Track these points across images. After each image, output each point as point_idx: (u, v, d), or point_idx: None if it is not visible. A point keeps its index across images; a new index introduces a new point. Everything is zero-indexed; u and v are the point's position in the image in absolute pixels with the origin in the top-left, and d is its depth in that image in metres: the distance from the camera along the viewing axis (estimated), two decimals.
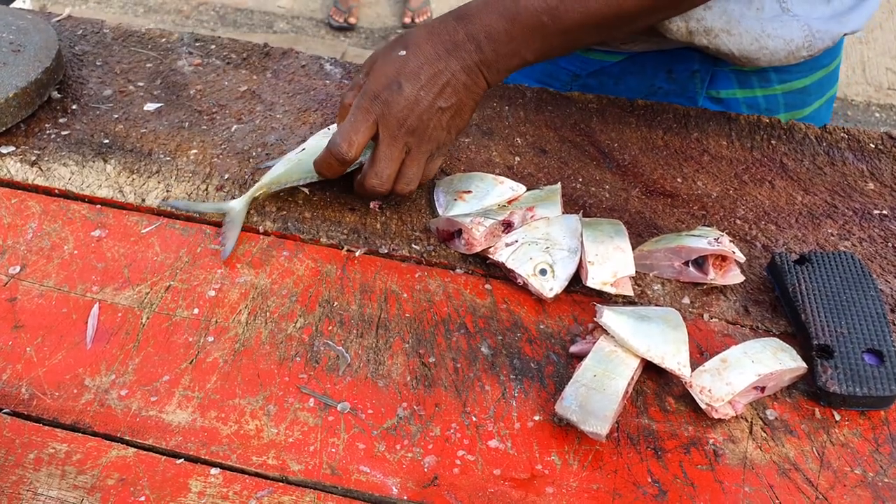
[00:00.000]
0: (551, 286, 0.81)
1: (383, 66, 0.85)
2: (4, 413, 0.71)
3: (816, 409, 0.74)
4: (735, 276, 0.83)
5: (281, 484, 0.67)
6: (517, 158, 1.00)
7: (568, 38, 0.86)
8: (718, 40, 0.97)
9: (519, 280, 0.83)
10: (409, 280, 0.84)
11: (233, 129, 1.03)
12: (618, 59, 1.12)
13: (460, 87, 0.85)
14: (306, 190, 0.94)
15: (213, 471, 0.67)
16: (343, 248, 0.87)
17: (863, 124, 3.09)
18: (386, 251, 0.87)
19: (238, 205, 0.89)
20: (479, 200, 0.90)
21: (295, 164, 0.91)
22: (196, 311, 0.80)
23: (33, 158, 0.97)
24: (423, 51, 0.84)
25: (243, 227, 0.89)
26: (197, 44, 1.18)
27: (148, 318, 0.79)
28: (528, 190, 0.92)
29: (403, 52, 0.85)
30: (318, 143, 0.93)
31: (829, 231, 0.92)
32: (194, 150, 0.99)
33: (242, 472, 0.68)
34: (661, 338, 0.74)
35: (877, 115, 3.15)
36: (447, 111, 0.86)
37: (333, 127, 0.96)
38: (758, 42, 0.98)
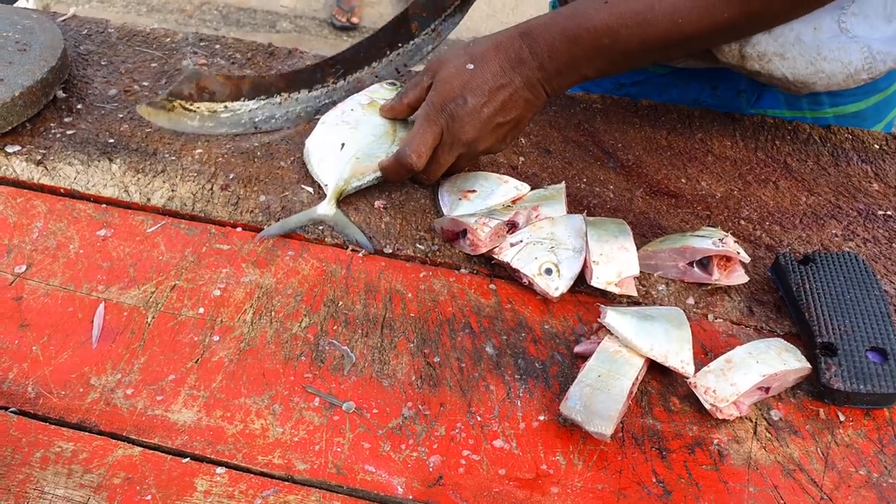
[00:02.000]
0: (557, 286, 0.81)
1: (451, 79, 0.88)
2: (11, 412, 0.71)
3: (821, 410, 0.74)
4: (739, 277, 0.83)
5: (286, 483, 0.67)
6: (521, 158, 1.00)
7: (627, 59, 0.88)
8: (771, 65, 0.93)
9: (524, 280, 0.83)
10: (414, 280, 0.84)
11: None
12: (664, 72, 1.11)
13: (521, 102, 0.88)
14: (310, 190, 0.94)
15: (219, 470, 0.67)
16: (348, 247, 0.88)
17: None
18: (391, 251, 0.87)
19: (330, 209, 0.90)
20: (483, 200, 0.90)
21: (362, 161, 0.93)
22: (201, 310, 0.80)
23: (39, 158, 0.97)
24: (489, 66, 0.87)
25: (247, 226, 0.89)
26: (202, 43, 1.18)
27: (153, 318, 0.79)
28: (532, 189, 0.92)
29: (471, 66, 0.87)
30: (373, 126, 0.96)
31: (834, 232, 0.92)
32: (199, 150, 0.99)
33: (248, 471, 0.68)
34: (664, 336, 0.74)
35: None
36: (506, 125, 0.89)
37: (376, 93, 1.00)
38: (813, 66, 0.93)
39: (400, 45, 1.05)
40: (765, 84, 0.99)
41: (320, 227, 0.90)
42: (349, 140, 0.94)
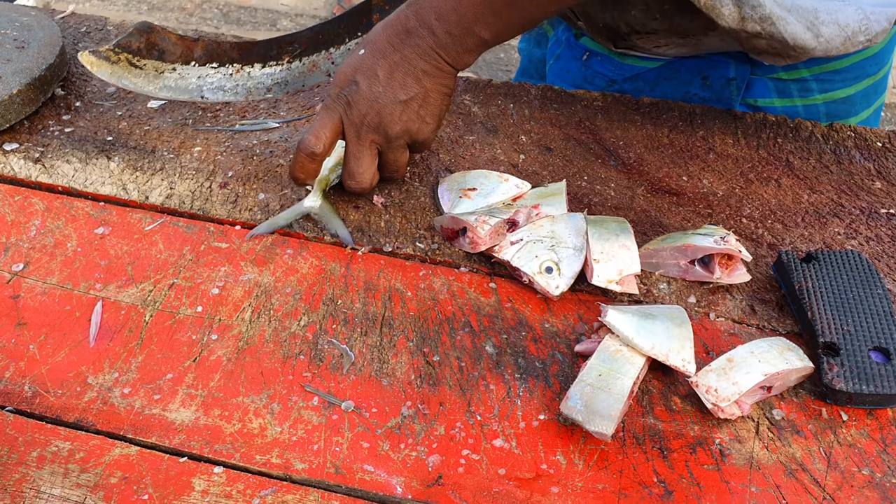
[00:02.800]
0: (557, 284, 0.81)
1: (344, 67, 0.86)
2: (7, 411, 0.71)
3: (823, 409, 0.73)
4: (741, 275, 0.83)
5: (285, 483, 0.66)
6: (522, 156, 1.00)
7: (518, 10, 0.83)
8: (773, 28, 0.92)
9: (524, 278, 0.82)
10: (414, 278, 0.84)
11: (236, 127, 1.02)
12: (654, 66, 1.11)
13: (420, 74, 0.84)
14: (309, 187, 0.93)
15: (217, 469, 0.67)
16: (347, 246, 0.87)
17: None
18: (390, 249, 0.87)
19: (316, 201, 0.88)
20: (483, 198, 0.90)
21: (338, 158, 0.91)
22: (199, 308, 0.80)
23: (37, 155, 0.96)
24: (378, 45, 0.85)
25: (246, 224, 0.88)
26: None
27: (151, 316, 0.79)
28: (532, 188, 0.92)
29: (362, 52, 0.85)
30: None
31: (836, 230, 0.91)
32: (198, 148, 0.99)
33: (246, 470, 0.67)
34: (665, 335, 0.73)
35: (883, 113, 3.14)
36: (411, 102, 0.85)
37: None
38: (811, 30, 0.93)
39: (359, 33, 1.02)
40: (763, 53, 0.99)
41: (319, 226, 0.89)
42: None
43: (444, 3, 0.83)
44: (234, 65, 0.97)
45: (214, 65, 0.95)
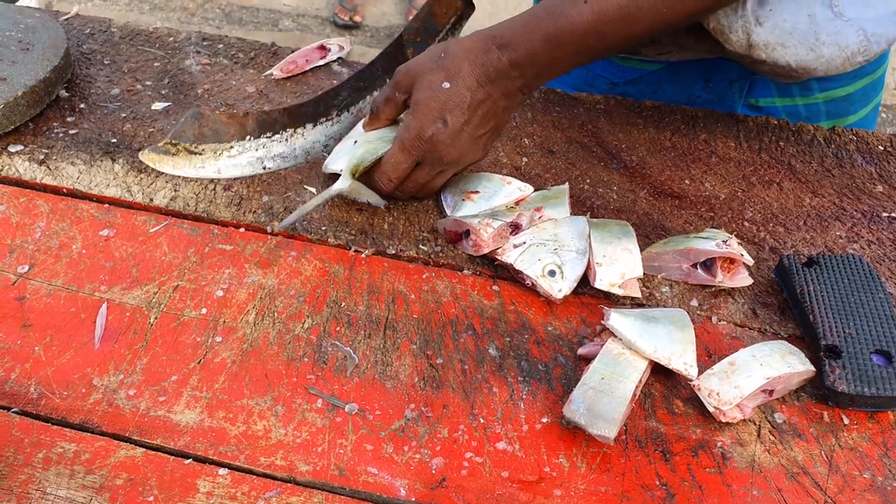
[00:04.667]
0: (560, 287, 0.81)
1: (428, 101, 0.85)
2: (13, 412, 0.71)
3: (825, 413, 0.73)
4: (743, 279, 0.83)
5: (289, 485, 0.67)
6: (525, 159, 1.00)
7: (609, 52, 0.87)
8: (776, 53, 0.94)
9: (527, 281, 0.83)
10: (417, 281, 0.84)
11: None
12: (656, 68, 1.11)
13: (500, 111, 0.87)
14: (313, 190, 0.94)
15: (222, 471, 0.67)
16: (351, 248, 0.87)
17: None
18: (394, 252, 0.87)
19: (346, 182, 0.89)
20: (486, 201, 0.90)
21: (373, 143, 0.91)
22: (204, 310, 0.80)
23: (41, 157, 0.97)
24: (465, 82, 0.84)
25: (250, 227, 0.89)
26: (204, 43, 1.18)
27: (156, 318, 0.79)
28: (535, 190, 0.92)
29: (447, 85, 0.84)
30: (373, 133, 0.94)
31: (838, 233, 0.91)
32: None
33: (250, 472, 0.68)
34: (667, 339, 0.74)
35: (883, 115, 3.14)
36: (485, 135, 0.88)
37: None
38: (813, 52, 0.94)
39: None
40: (766, 74, 1.00)
41: (323, 228, 0.89)
42: (360, 138, 0.93)
43: (540, 47, 0.84)
44: (287, 129, 0.99)
45: (269, 134, 0.98)
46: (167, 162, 0.95)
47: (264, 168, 0.97)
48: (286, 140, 0.98)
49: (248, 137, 0.97)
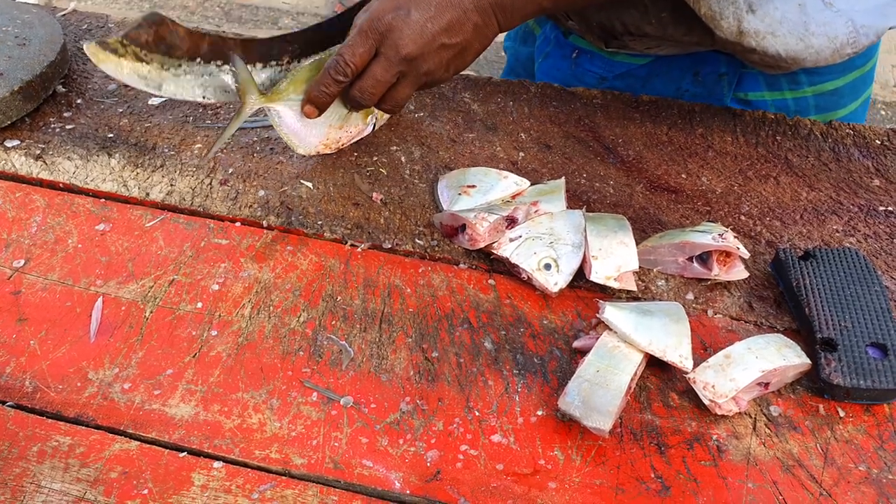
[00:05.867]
0: (556, 281, 0.81)
1: None
2: (8, 406, 0.71)
3: (821, 406, 0.73)
4: (739, 272, 0.83)
5: (284, 478, 0.67)
6: (521, 154, 1.00)
7: None
8: (766, 42, 0.94)
9: (523, 275, 0.83)
10: (413, 275, 0.84)
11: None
12: (644, 62, 1.11)
13: (470, 26, 0.84)
14: (310, 185, 0.94)
15: (216, 464, 0.67)
16: (347, 242, 0.87)
17: (868, 121, 3.07)
18: (389, 246, 0.87)
19: (254, 98, 0.88)
20: (483, 195, 0.90)
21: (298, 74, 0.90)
22: (199, 305, 0.80)
23: (38, 152, 0.97)
24: None
25: (246, 221, 0.89)
26: None
27: (151, 312, 0.79)
28: (532, 185, 0.92)
29: None
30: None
31: (834, 227, 0.91)
32: (198, 145, 0.99)
33: (245, 465, 0.68)
34: (662, 331, 0.74)
35: (882, 112, 3.14)
36: (451, 48, 0.85)
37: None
38: (803, 41, 0.95)
39: None
40: (756, 64, 1.00)
41: (319, 223, 0.89)
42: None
43: None
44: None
45: (219, 62, 0.95)
46: (110, 61, 0.89)
47: (203, 97, 0.94)
48: (233, 73, 0.96)
49: (198, 60, 0.94)
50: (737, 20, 0.92)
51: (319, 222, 0.89)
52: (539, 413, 0.72)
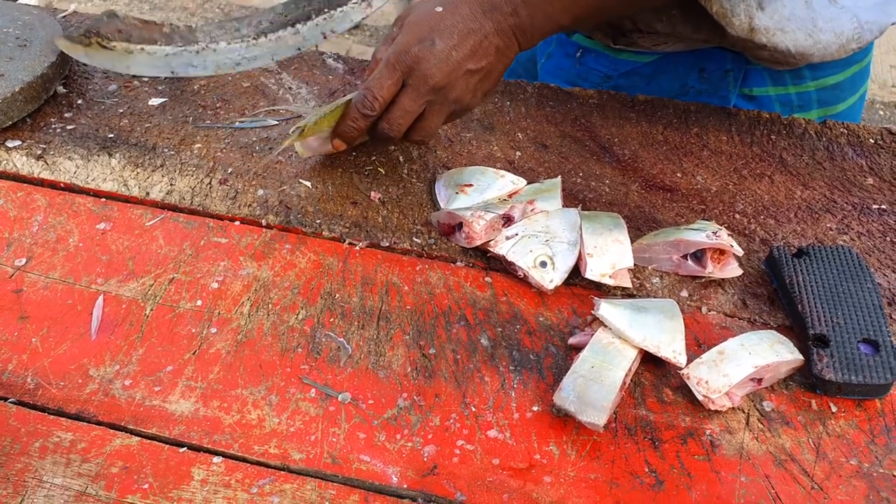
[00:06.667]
0: (551, 278, 0.82)
1: (417, 21, 0.85)
2: (10, 402, 0.72)
3: (813, 401, 0.74)
4: (733, 270, 0.84)
5: (282, 472, 0.68)
6: (518, 153, 1.01)
7: (604, 6, 0.86)
8: (776, 38, 0.96)
9: (519, 272, 0.84)
10: (411, 273, 0.85)
11: (236, 124, 1.04)
12: (649, 60, 1.12)
13: (492, 50, 0.85)
14: (308, 184, 0.95)
15: (216, 459, 0.68)
16: (345, 241, 0.88)
17: (866, 122, 3.08)
18: (387, 244, 0.88)
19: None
20: (480, 194, 0.91)
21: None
22: (199, 302, 0.81)
23: (39, 152, 0.98)
24: (459, 10, 0.84)
25: (245, 220, 0.90)
26: None
27: (152, 310, 0.80)
28: (528, 184, 0.93)
29: (440, 9, 0.84)
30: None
31: (828, 225, 0.92)
32: (198, 145, 1.00)
33: (244, 460, 0.68)
34: (656, 328, 0.75)
35: (881, 112, 3.14)
36: (476, 73, 0.86)
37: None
38: (811, 37, 0.96)
39: (329, 9, 1.02)
40: (764, 60, 1.01)
41: (317, 222, 0.90)
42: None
43: None
44: (199, 44, 0.98)
45: (179, 44, 0.97)
46: (80, 51, 0.96)
47: (172, 72, 0.97)
48: (197, 52, 0.97)
49: (157, 44, 0.97)
50: (748, 17, 0.94)
51: (318, 221, 0.90)
52: (535, 409, 0.73)
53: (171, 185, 0.94)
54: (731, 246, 0.82)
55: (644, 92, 1.11)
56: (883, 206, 0.94)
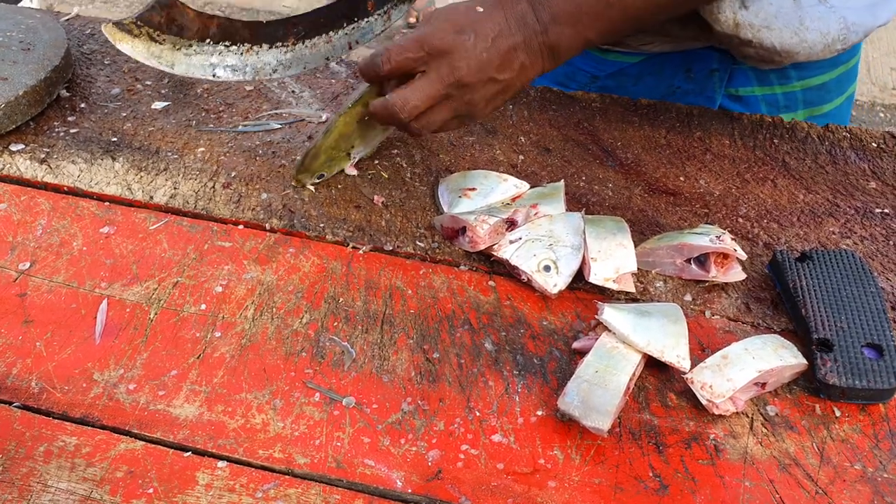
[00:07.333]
0: (555, 282, 0.82)
1: (456, 13, 0.84)
2: (15, 406, 0.72)
3: (817, 405, 0.74)
4: (736, 274, 0.84)
5: (287, 477, 0.68)
6: (521, 157, 1.01)
7: (631, 20, 0.86)
8: (762, 34, 0.96)
9: (523, 276, 0.84)
10: (414, 277, 0.85)
11: (239, 128, 1.04)
12: (636, 60, 1.12)
13: (517, 65, 0.85)
14: (312, 188, 0.95)
15: (220, 464, 0.68)
16: (348, 245, 0.88)
17: (867, 124, 3.09)
18: (391, 248, 0.88)
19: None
20: (483, 198, 0.91)
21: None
22: (203, 306, 0.81)
23: (42, 156, 0.98)
24: (495, 16, 0.83)
25: (249, 224, 0.90)
26: None
27: (156, 314, 0.80)
28: (531, 188, 0.93)
29: (481, 9, 0.84)
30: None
31: (831, 229, 0.92)
32: (202, 149, 1.00)
33: (249, 465, 0.68)
34: (660, 332, 0.75)
35: (881, 115, 3.15)
36: (497, 84, 0.85)
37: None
38: (797, 35, 0.96)
39: (355, 19, 1.02)
40: (750, 58, 1.01)
41: (321, 225, 0.90)
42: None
43: (562, 5, 0.83)
44: (245, 44, 0.98)
45: (227, 43, 0.97)
46: (126, 41, 0.92)
47: (214, 75, 0.96)
48: (241, 54, 0.97)
49: (207, 41, 0.96)
50: (733, 13, 0.94)
51: (321, 225, 0.90)
52: (539, 413, 0.73)
53: (175, 188, 0.94)
54: (735, 250, 0.82)
55: (631, 93, 1.12)
56: (886, 210, 0.95)
